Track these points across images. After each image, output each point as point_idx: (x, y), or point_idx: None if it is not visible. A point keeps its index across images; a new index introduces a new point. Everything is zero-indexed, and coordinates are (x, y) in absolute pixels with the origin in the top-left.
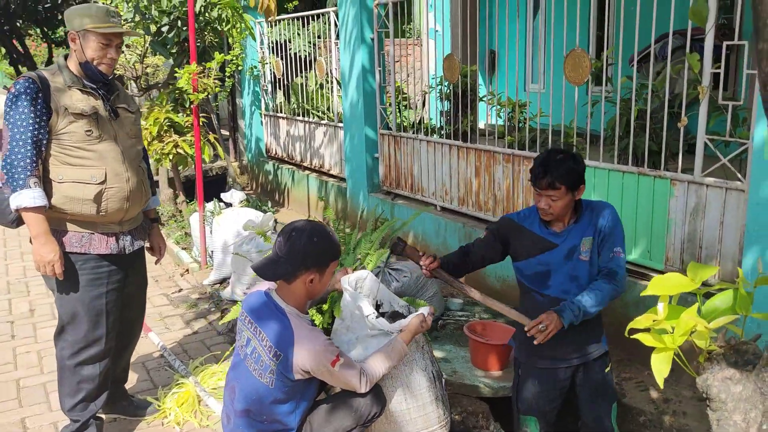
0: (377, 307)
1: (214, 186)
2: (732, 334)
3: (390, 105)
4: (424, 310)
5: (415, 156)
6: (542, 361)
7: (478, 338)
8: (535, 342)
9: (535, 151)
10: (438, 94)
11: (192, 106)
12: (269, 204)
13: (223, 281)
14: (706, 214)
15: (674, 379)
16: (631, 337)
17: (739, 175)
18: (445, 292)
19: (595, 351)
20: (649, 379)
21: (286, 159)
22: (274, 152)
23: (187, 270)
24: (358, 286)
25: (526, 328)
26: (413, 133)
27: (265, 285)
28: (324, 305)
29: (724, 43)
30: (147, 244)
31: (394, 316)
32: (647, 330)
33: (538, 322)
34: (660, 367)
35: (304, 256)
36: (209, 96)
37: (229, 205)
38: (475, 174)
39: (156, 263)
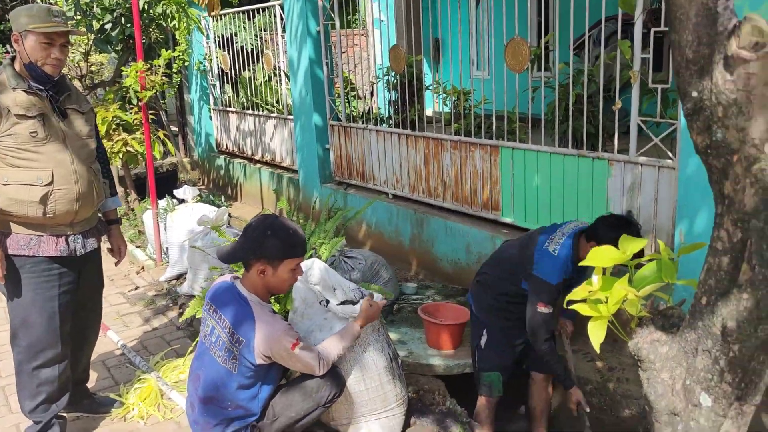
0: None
1: (165, 183)
2: (661, 300)
3: (339, 96)
4: (377, 297)
5: (366, 146)
6: (505, 321)
7: (432, 319)
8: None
9: (480, 137)
10: (385, 84)
11: (141, 104)
12: (222, 199)
13: (180, 277)
14: (641, 191)
15: (618, 348)
16: (569, 307)
17: (670, 154)
18: (399, 276)
19: None
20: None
21: (237, 153)
22: (224, 147)
23: (143, 268)
24: (308, 275)
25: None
26: (363, 123)
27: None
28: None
29: (652, 30)
30: (107, 245)
31: (346, 303)
32: (584, 301)
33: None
34: (596, 333)
35: (255, 247)
36: (157, 93)
37: (182, 201)
38: (425, 161)
39: (116, 264)
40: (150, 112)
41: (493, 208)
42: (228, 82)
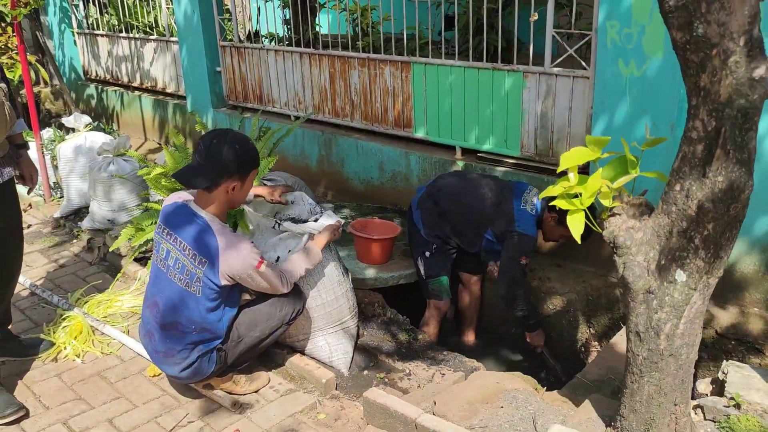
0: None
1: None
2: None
3: (229, 15)
4: (339, 220)
5: (263, 67)
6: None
7: (364, 234)
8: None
9: (390, 53)
10: (279, 3)
11: (14, 22)
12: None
13: (78, 211)
14: (556, 101)
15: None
16: (550, 204)
17: (584, 64)
18: (322, 200)
19: None
20: None
21: (110, 81)
22: (94, 74)
23: (30, 205)
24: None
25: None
26: (259, 42)
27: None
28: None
29: None
30: (16, 172)
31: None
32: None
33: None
34: (575, 225)
35: (226, 164)
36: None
37: (72, 130)
38: (330, 81)
39: (29, 193)
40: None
41: (405, 125)
42: (93, 3)
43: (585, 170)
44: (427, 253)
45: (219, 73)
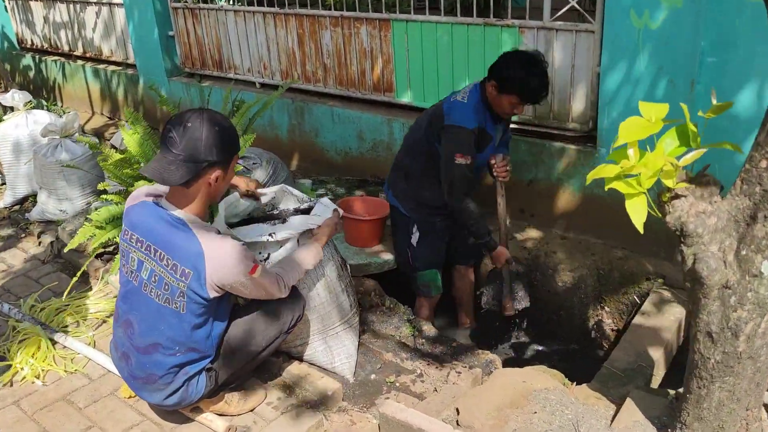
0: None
1: None
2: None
3: None
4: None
5: (221, 29)
6: (437, 217)
7: (355, 216)
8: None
9: (366, 10)
10: None
11: None
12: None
13: (24, 201)
14: (556, 59)
15: (536, 221)
16: (607, 188)
17: (589, 17)
18: (296, 174)
19: None
20: (514, 228)
21: (49, 50)
22: (30, 43)
23: None
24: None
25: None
26: (214, 2)
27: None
28: None
29: None
30: None
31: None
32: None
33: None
34: (637, 211)
35: (209, 150)
36: None
37: (10, 109)
38: (299, 43)
39: None
40: None
41: (386, 89)
42: None
43: (589, 138)
44: (413, 239)
45: (172, 37)
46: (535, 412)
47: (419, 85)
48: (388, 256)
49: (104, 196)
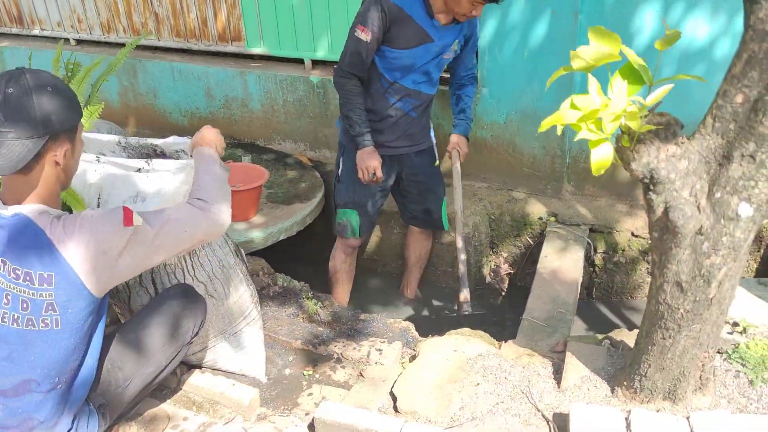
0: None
1: None
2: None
3: None
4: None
5: None
6: (382, 143)
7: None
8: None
9: None
10: None
11: None
12: None
13: None
14: None
15: None
16: (576, 139)
17: None
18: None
19: (423, 142)
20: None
21: None
22: None
23: None
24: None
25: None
26: None
27: None
28: None
29: None
30: None
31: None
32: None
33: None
34: (601, 158)
35: (46, 120)
36: None
37: None
38: None
39: None
40: None
41: (234, 38)
42: None
43: None
44: (340, 171)
45: None
46: (478, 384)
47: (273, 31)
48: (270, 229)
49: None
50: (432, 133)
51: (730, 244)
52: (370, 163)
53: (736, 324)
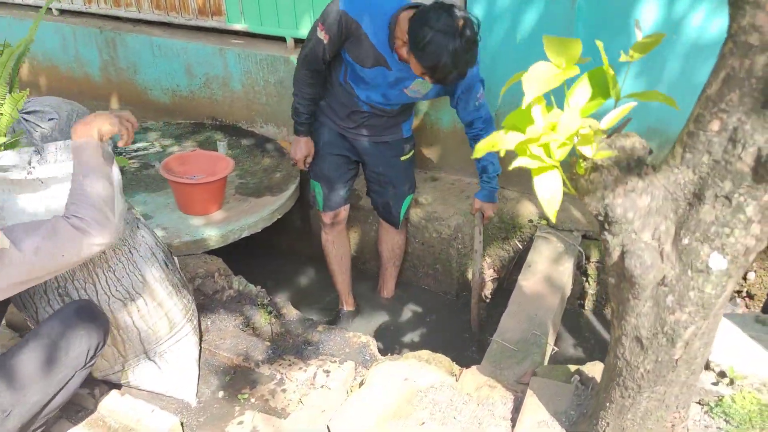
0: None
1: None
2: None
3: None
4: None
5: None
6: (339, 125)
7: (185, 180)
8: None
9: None
10: None
11: None
12: None
13: None
14: None
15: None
16: (512, 168)
17: None
18: None
19: (386, 135)
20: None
21: None
22: None
23: None
24: None
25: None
26: None
27: None
28: None
29: None
30: None
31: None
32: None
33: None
34: (549, 190)
35: None
36: None
37: None
38: None
39: None
40: None
41: (214, 12)
42: None
43: None
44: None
45: None
46: (423, 423)
47: (254, 6)
48: (233, 225)
49: None
50: (407, 128)
51: (698, 300)
52: (296, 152)
53: (722, 374)
